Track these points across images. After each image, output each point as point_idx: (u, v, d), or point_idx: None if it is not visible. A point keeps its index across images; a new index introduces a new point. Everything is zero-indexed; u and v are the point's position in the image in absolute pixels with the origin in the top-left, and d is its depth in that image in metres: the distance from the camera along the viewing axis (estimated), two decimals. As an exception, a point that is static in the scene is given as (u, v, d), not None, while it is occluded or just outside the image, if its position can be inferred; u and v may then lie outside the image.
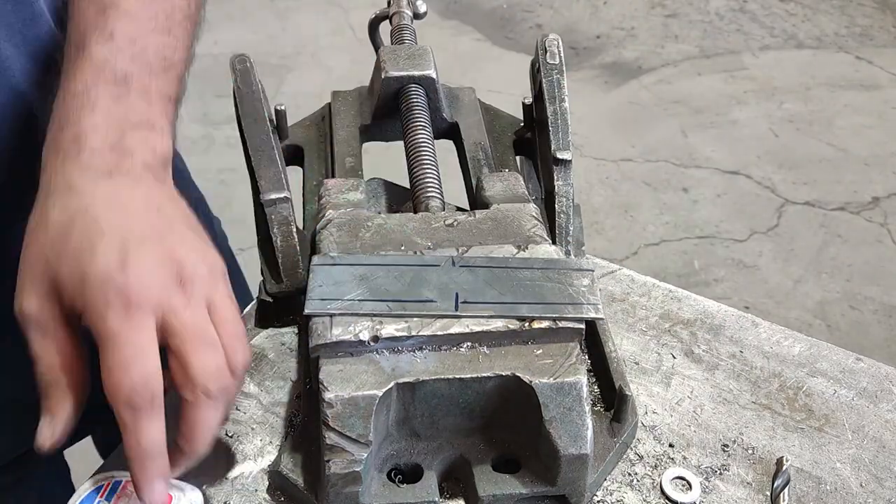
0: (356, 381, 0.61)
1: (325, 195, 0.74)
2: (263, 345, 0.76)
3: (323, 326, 0.62)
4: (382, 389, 0.60)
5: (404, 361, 0.62)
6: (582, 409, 0.62)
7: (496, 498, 0.63)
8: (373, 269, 0.65)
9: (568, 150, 0.81)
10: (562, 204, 0.80)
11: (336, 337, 0.61)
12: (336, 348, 0.62)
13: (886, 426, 0.71)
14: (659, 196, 2.65)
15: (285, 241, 0.74)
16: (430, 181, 0.76)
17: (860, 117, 2.99)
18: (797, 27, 3.46)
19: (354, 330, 0.62)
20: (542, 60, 0.89)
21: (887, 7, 3.57)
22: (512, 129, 0.92)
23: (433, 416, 0.64)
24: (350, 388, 0.60)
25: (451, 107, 0.90)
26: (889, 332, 2.29)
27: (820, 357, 0.77)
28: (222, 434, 0.69)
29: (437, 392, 0.63)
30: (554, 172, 0.80)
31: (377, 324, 0.62)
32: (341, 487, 0.61)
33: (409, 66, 0.85)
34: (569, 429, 0.61)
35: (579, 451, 0.62)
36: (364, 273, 0.65)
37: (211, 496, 0.65)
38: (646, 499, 0.66)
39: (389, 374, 0.61)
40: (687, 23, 3.47)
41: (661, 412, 0.72)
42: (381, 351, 0.62)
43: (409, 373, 0.61)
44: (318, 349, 0.62)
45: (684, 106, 3.02)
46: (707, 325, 0.79)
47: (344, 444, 0.60)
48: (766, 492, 0.67)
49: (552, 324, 0.63)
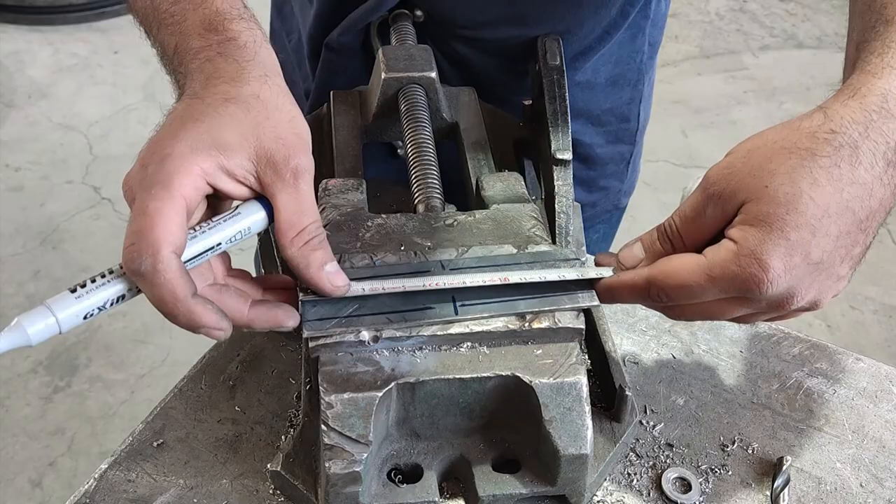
0: (356, 381, 0.61)
1: (325, 195, 0.74)
2: (263, 345, 0.76)
3: (323, 326, 0.62)
4: (382, 390, 0.60)
5: (404, 361, 0.62)
6: (582, 409, 0.62)
7: (496, 498, 0.63)
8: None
9: (568, 151, 0.81)
10: (562, 204, 0.80)
11: (336, 337, 0.61)
12: (336, 348, 0.62)
13: (886, 426, 0.72)
14: (659, 196, 2.65)
15: (285, 241, 0.74)
16: (430, 181, 0.76)
17: (860, 117, 2.98)
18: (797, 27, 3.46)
19: (355, 330, 0.61)
20: (543, 61, 0.89)
21: (887, 7, 3.56)
22: (512, 129, 0.92)
23: (433, 416, 0.64)
24: (350, 389, 0.60)
25: (451, 107, 0.90)
26: (889, 332, 2.29)
27: (820, 357, 0.77)
28: (222, 434, 0.69)
29: (437, 392, 0.63)
30: (554, 172, 0.81)
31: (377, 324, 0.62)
32: (341, 487, 0.61)
33: (409, 66, 0.85)
34: (569, 429, 0.61)
35: (579, 451, 0.62)
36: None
37: (210, 497, 0.65)
38: (645, 499, 0.66)
39: (389, 374, 0.61)
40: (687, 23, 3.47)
41: (660, 412, 0.72)
42: (381, 351, 0.62)
43: (409, 373, 0.62)
44: (318, 349, 0.62)
45: (684, 106, 3.03)
46: (707, 325, 0.79)
47: (344, 444, 0.60)
48: (766, 492, 0.67)
49: (552, 324, 0.63)
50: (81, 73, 3.08)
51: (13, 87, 3.01)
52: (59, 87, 3.01)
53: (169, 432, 0.69)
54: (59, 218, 2.50)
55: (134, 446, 0.68)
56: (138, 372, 2.13)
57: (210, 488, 0.66)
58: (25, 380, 2.10)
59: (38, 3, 3.27)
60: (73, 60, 3.13)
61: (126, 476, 0.66)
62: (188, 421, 0.70)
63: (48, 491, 1.89)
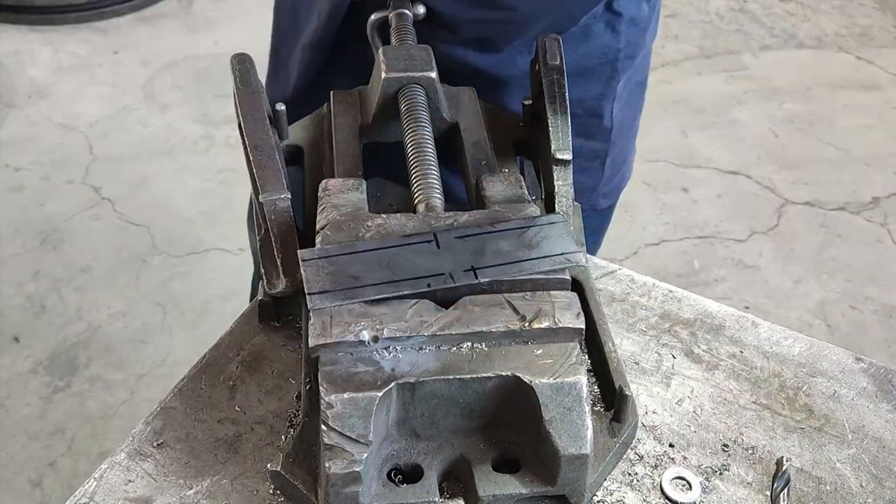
0: (356, 381, 0.61)
1: (325, 195, 0.74)
2: (263, 345, 0.76)
3: (322, 326, 0.62)
4: (383, 390, 0.60)
5: (404, 362, 0.62)
6: (582, 409, 0.62)
7: (496, 498, 0.63)
8: (365, 255, 0.65)
9: (568, 151, 0.81)
10: (562, 204, 0.80)
11: (336, 337, 0.61)
12: (336, 348, 0.62)
13: (886, 426, 0.72)
14: (659, 196, 2.65)
15: (285, 241, 0.74)
16: (430, 181, 0.76)
17: (860, 117, 2.98)
18: (797, 27, 3.46)
19: (354, 330, 0.62)
20: (543, 61, 0.89)
21: (887, 7, 3.56)
22: (512, 129, 0.92)
23: (433, 416, 0.64)
24: (350, 389, 0.60)
25: (452, 107, 0.89)
26: (889, 332, 2.29)
27: (820, 357, 0.77)
28: (222, 434, 0.69)
29: (437, 392, 0.63)
30: (554, 172, 0.81)
31: (377, 323, 0.62)
32: (341, 487, 0.61)
33: (409, 66, 0.85)
34: (569, 429, 0.61)
35: (579, 451, 0.62)
36: (357, 259, 0.64)
37: (210, 496, 0.65)
38: (646, 499, 0.66)
39: (390, 374, 0.61)
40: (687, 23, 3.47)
41: (661, 412, 0.72)
42: (382, 351, 0.62)
43: (409, 373, 0.61)
44: (318, 349, 0.62)
45: (684, 106, 3.02)
46: (707, 325, 0.79)
47: (344, 444, 0.60)
48: (766, 492, 0.67)
49: (552, 324, 0.63)
50: (81, 72, 3.07)
51: (13, 87, 3.00)
52: (59, 87, 3.01)
53: (169, 432, 0.69)
54: (59, 218, 2.50)
55: (134, 446, 0.68)
56: (138, 372, 2.13)
57: (210, 488, 0.66)
58: (25, 380, 2.10)
59: (37, 3, 3.27)
60: (73, 60, 3.13)
61: (126, 476, 0.66)
62: (188, 421, 0.70)
63: (48, 491, 1.89)
